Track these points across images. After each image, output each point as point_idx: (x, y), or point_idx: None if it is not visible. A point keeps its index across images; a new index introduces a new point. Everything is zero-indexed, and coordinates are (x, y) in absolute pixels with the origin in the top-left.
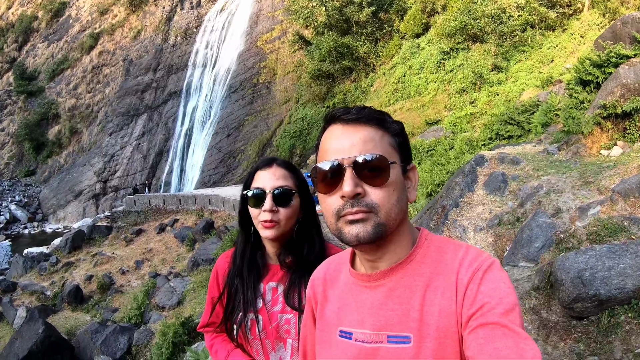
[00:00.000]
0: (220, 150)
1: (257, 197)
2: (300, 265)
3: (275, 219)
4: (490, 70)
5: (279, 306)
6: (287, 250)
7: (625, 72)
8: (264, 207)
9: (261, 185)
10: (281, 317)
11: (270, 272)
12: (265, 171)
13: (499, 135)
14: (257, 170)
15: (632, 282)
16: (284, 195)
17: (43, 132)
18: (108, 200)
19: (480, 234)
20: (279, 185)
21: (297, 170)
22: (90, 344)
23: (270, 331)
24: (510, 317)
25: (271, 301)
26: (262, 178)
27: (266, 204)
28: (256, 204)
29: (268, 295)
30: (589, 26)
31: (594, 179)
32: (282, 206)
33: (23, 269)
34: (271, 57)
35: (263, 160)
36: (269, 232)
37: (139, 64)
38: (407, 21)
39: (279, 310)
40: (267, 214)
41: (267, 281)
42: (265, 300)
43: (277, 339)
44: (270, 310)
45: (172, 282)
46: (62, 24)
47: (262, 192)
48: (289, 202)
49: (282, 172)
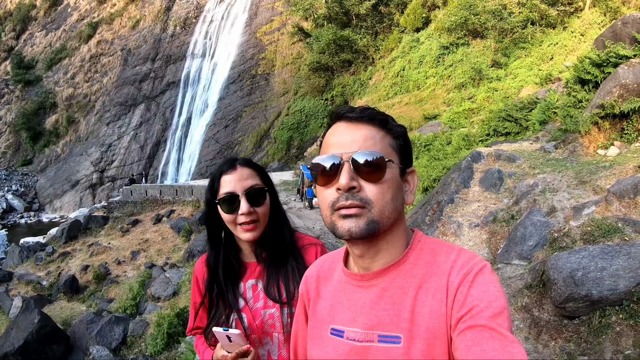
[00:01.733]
0: (217, 141)
1: (230, 201)
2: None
3: (254, 218)
4: (489, 66)
5: (261, 302)
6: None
7: (625, 72)
8: (241, 211)
9: (230, 189)
10: (264, 312)
11: (247, 270)
12: (231, 174)
13: (496, 132)
14: (222, 174)
15: (624, 283)
16: (258, 195)
17: (40, 122)
18: (105, 191)
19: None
20: (250, 185)
21: (259, 166)
22: (86, 334)
23: (255, 328)
24: (498, 320)
25: (253, 298)
26: (230, 181)
27: (242, 207)
28: (230, 210)
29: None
30: (589, 25)
31: (590, 179)
32: (258, 205)
33: (19, 258)
34: (270, 48)
35: (225, 163)
36: (250, 235)
37: (137, 54)
38: (407, 15)
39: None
40: (245, 217)
41: (246, 279)
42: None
43: (264, 334)
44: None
45: (168, 272)
46: (61, 12)
47: (235, 196)
48: (264, 200)
49: (248, 171)
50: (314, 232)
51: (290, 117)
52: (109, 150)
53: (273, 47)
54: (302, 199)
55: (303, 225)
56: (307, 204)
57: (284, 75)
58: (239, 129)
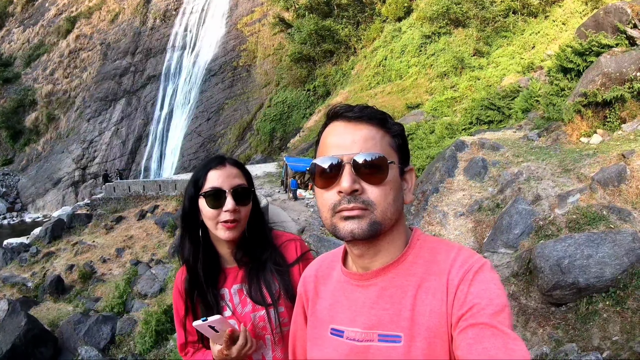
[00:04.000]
0: (200, 135)
1: (216, 196)
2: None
3: (237, 217)
4: (471, 55)
5: (249, 306)
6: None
7: (607, 61)
8: (226, 207)
9: (218, 184)
10: (254, 316)
11: (229, 276)
12: (220, 170)
13: (479, 120)
14: (209, 169)
15: (610, 270)
16: (244, 194)
17: (20, 120)
18: (87, 188)
19: (460, 220)
20: (237, 184)
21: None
22: (74, 335)
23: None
24: (499, 317)
25: (240, 303)
26: (217, 177)
27: (228, 203)
28: (214, 205)
29: (235, 299)
30: (571, 14)
31: (574, 167)
32: (242, 205)
33: (3, 260)
34: (251, 40)
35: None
36: (229, 233)
37: (117, 48)
38: (389, 4)
39: (250, 310)
40: (229, 214)
41: (230, 285)
42: (235, 304)
43: (256, 337)
44: (242, 312)
45: (154, 269)
46: (38, 7)
47: (221, 192)
48: (248, 201)
49: (236, 170)
50: (299, 224)
51: (272, 108)
52: (90, 147)
53: (254, 39)
54: (287, 191)
55: (288, 217)
56: (292, 196)
57: (266, 66)
58: (221, 121)
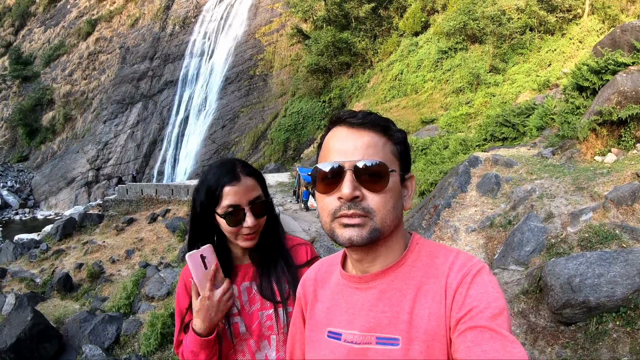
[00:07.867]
0: (214, 141)
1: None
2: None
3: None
4: (487, 71)
5: (258, 304)
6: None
7: (623, 79)
8: (247, 224)
9: (235, 202)
10: (262, 314)
11: (240, 273)
12: (235, 186)
13: (493, 137)
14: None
15: (621, 290)
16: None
17: (37, 118)
18: (100, 188)
19: (471, 235)
20: (254, 196)
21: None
22: (79, 333)
23: (253, 330)
24: (498, 320)
25: (249, 301)
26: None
27: (248, 221)
28: (235, 222)
29: (244, 296)
30: (588, 32)
31: (587, 185)
32: (261, 217)
33: (13, 255)
34: (269, 49)
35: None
36: (251, 243)
37: (136, 52)
38: (406, 19)
39: (258, 308)
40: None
41: (240, 282)
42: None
43: (261, 336)
44: (250, 310)
45: (162, 272)
46: (60, 9)
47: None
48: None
49: (251, 182)
50: (310, 234)
51: (287, 118)
52: (105, 148)
53: (272, 48)
54: (298, 201)
55: (299, 227)
56: (303, 206)
57: (282, 76)
58: (236, 129)
